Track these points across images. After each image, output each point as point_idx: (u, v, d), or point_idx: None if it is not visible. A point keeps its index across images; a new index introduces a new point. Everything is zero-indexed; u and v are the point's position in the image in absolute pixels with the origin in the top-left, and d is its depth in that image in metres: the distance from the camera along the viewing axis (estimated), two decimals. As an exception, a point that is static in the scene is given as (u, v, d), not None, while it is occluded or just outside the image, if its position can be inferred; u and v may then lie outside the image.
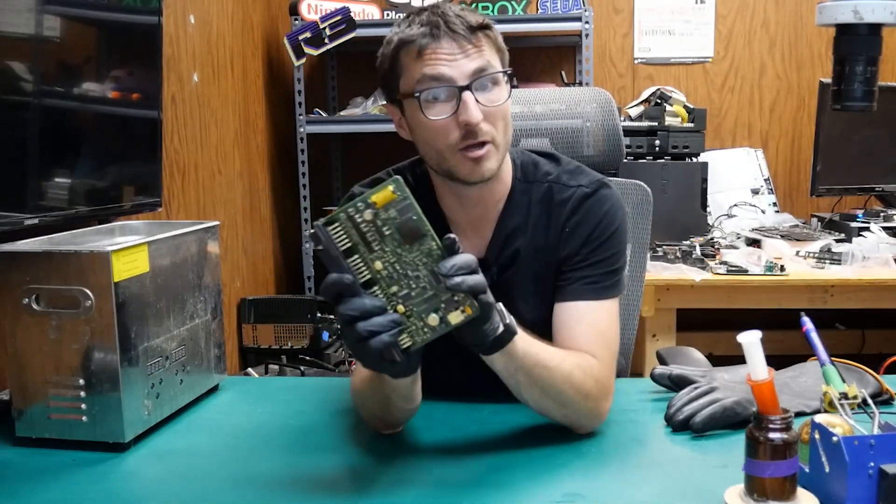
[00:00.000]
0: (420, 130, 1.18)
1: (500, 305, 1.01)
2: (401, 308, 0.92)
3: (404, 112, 1.20)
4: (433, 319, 0.92)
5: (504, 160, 1.21)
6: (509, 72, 1.18)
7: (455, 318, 0.92)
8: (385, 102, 1.28)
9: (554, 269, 1.23)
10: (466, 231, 1.25)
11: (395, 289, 0.92)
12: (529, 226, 1.24)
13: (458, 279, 0.92)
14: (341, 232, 0.92)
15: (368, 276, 0.92)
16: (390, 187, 0.91)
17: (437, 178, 1.25)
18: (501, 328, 1.00)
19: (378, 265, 0.92)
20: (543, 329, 1.17)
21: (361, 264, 0.92)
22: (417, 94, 1.13)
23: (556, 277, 1.23)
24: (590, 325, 1.18)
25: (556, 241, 1.23)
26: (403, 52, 1.16)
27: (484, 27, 1.16)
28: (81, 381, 1.13)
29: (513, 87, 1.19)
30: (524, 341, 1.05)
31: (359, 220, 0.92)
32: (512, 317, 1.03)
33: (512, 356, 1.04)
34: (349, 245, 0.91)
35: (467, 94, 1.12)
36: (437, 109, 1.14)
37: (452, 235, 0.94)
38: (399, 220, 0.92)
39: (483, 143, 1.15)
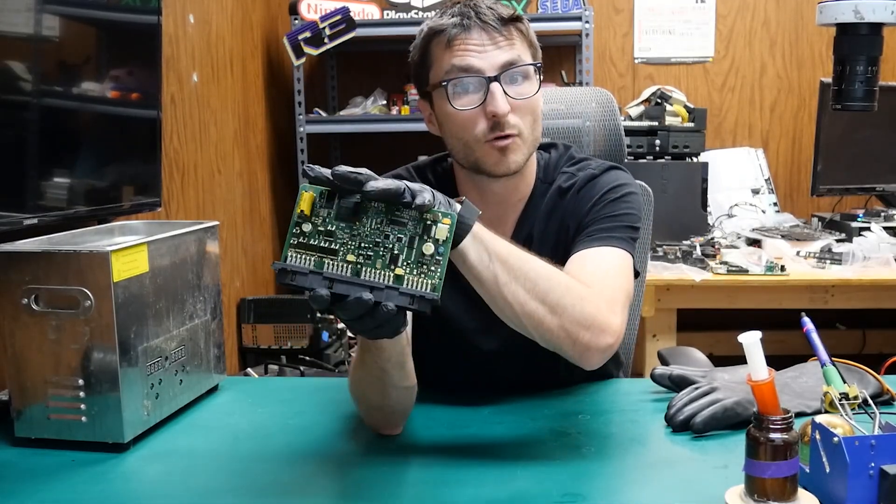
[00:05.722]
0: (447, 122, 1.18)
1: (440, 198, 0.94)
2: (399, 271, 0.90)
3: (433, 105, 1.20)
4: (428, 248, 0.90)
5: (531, 155, 1.21)
6: (539, 65, 1.18)
7: (441, 232, 0.90)
8: (417, 98, 1.28)
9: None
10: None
11: (379, 263, 0.91)
12: (548, 228, 1.24)
13: (417, 192, 0.88)
14: (299, 258, 0.91)
15: (351, 272, 0.91)
16: (304, 191, 0.92)
17: (461, 173, 1.25)
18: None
19: (351, 258, 0.91)
20: None
21: (337, 268, 0.91)
22: (445, 84, 1.14)
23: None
24: (590, 265, 1.12)
25: (568, 226, 1.22)
26: (434, 43, 1.16)
27: (515, 19, 1.16)
28: (81, 382, 1.12)
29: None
30: (491, 234, 0.99)
31: (304, 239, 0.92)
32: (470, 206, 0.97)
33: (481, 239, 0.97)
34: (314, 262, 0.91)
35: (495, 86, 1.12)
36: (465, 100, 1.14)
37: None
38: (335, 211, 0.92)
39: (510, 135, 1.14)
